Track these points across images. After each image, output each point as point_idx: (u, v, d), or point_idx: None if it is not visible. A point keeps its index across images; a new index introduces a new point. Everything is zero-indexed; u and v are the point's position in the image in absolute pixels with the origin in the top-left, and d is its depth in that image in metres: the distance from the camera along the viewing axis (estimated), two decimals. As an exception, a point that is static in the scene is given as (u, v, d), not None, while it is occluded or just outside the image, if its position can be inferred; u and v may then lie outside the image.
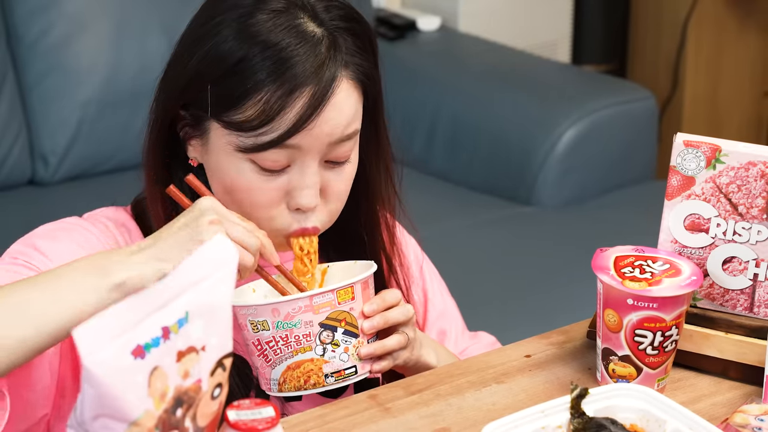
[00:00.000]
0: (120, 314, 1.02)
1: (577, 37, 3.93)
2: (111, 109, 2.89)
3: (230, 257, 1.10)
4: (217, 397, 1.12)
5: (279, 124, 1.36)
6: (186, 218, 1.30)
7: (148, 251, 1.27)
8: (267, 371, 1.39)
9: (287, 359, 1.37)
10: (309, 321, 1.35)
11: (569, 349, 1.51)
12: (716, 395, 1.42)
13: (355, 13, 1.44)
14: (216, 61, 1.38)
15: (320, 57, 1.37)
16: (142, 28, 2.94)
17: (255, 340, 1.37)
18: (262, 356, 1.38)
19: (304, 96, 1.36)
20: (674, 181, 1.44)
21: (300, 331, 1.36)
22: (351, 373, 1.39)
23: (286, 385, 1.38)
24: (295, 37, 1.37)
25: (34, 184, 2.93)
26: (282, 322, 1.35)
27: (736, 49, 3.91)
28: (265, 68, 1.36)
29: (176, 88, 1.41)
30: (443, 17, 3.55)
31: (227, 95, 1.37)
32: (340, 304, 1.37)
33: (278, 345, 1.36)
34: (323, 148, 1.39)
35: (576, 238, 2.82)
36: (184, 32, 1.44)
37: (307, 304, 1.35)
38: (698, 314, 1.46)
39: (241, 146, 1.37)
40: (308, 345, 1.36)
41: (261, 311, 1.36)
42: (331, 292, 1.36)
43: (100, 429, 1.04)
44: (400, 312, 1.42)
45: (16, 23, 2.87)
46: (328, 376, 1.37)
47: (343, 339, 1.37)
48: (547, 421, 1.23)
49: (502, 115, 3.10)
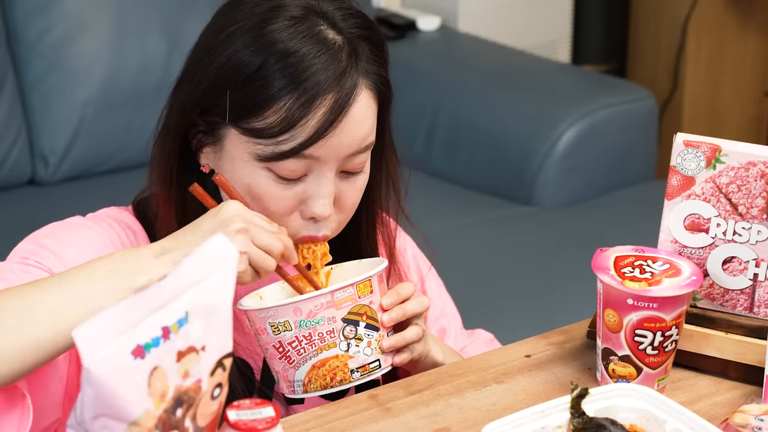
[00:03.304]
0: (120, 314, 1.02)
1: (577, 37, 3.93)
2: (111, 109, 2.89)
3: (230, 257, 1.11)
4: (217, 397, 1.12)
5: (300, 132, 1.36)
6: (212, 222, 1.29)
7: (171, 254, 1.26)
8: (290, 373, 1.37)
9: (312, 358, 1.36)
10: (332, 317, 1.35)
11: (569, 349, 1.51)
12: (716, 395, 1.42)
13: (371, 22, 1.44)
14: (236, 69, 1.37)
15: (342, 65, 1.37)
16: (142, 28, 2.94)
17: (276, 342, 1.36)
18: (285, 358, 1.37)
19: (326, 104, 1.36)
20: (674, 181, 1.44)
21: (323, 327, 1.35)
22: (375, 366, 1.38)
23: (312, 384, 1.37)
24: (316, 44, 1.37)
25: (34, 184, 2.93)
26: (304, 320, 1.34)
27: (736, 49, 3.91)
28: (286, 76, 1.35)
29: (194, 95, 1.40)
30: (443, 17, 3.55)
31: (247, 102, 1.36)
32: (360, 298, 1.36)
33: (301, 344, 1.35)
34: (341, 160, 1.39)
35: (576, 238, 2.82)
36: (199, 40, 1.43)
37: (329, 300, 1.34)
38: (698, 314, 1.46)
39: (261, 155, 1.37)
40: (332, 341, 1.35)
41: (282, 312, 1.34)
42: (351, 286, 1.36)
43: (100, 429, 1.04)
44: (416, 303, 1.42)
45: (16, 23, 2.87)
46: (354, 371, 1.37)
47: (365, 333, 1.37)
48: (547, 421, 1.23)
49: (502, 115, 3.10)
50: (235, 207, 1.30)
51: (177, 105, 1.43)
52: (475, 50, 3.38)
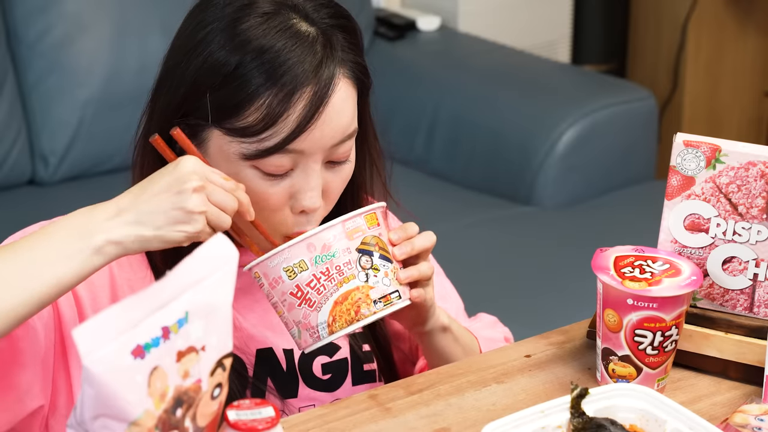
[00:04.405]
0: (120, 314, 1.02)
1: (577, 37, 3.93)
2: (111, 109, 2.90)
3: (230, 257, 1.11)
4: (217, 397, 1.12)
5: (282, 127, 1.36)
6: (168, 180, 1.28)
7: (126, 215, 1.26)
8: (312, 317, 1.34)
9: (332, 294, 1.33)
10: (346, 248, 1.33)
11: (569, 349, 1.51)
12: (716, 395, 1.42)
13: (343, 10, 1.44)
14: (213, 70, 1.37)
15: (317, 56, 1.37)
16: (142, 28, 2.94)
17: (293, 288, 1.34)
18: (305, 302, 1.34)
19: (305, 96, 1.36)
20: (674, 181, 1.44)
21: (339, 260, 1.33)
22: (395, 297, 1.36)
23: (337, 323, 1.34)
24: (290, 38, 1.37)
25: (34, 184, 2.93)
26: (320, 255, 1.32)
27: (736, 49, 3.91)
28: (264, 72, 1.35)
29: (174, 99, 1.40)
30: (443, 17, 3.55)
31: (228, 103, 1.36)
32: (369, 229, 1.35)
33: (320, 282, 1.33)
34: (325, 150, 1.39)
35: (576, 238, 2.82)
36: (173, 44, 1.43)
37: (340, 231, 1.33)
38: (698, 314, 1.46)
39: (245, 153, 1.37)
40: (351, 273, 1.33)
41: (295, 252, 1.33)
42: (359, 216, 1.35)
43: (100, 429, 1.04)
44: (424, 238, 1.41)
45: (16, 23, 2.87)
46: (377, 302, 1.34)
47: (381, 264, 1.35)
48: (547, 421, 1.23)
49: (502, 115, 3.10)
50: (192, 163, 1.29)
51: (157, 111, 1.42)
52: (475, 50, 3.38)
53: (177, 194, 1.27)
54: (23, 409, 1.35)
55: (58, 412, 1.38)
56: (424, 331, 1.48)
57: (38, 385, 1.36)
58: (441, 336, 1.49)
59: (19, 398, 1.34)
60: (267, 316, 1.50)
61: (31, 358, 1.34)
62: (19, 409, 1.35)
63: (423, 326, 1.47)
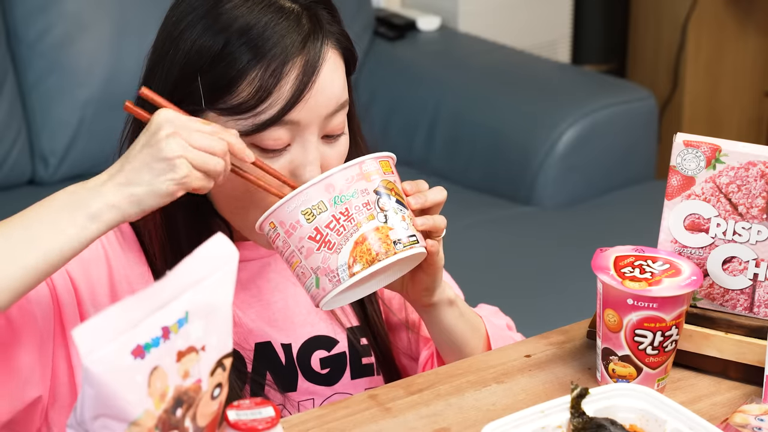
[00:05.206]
0: (120, 314, 1.02)
1: (577, 37, 3.93)
2: (111, 109, 2.89)
3: (230, 256, 1.11)
4: (217, 397, 1.12)
5: (276, 98, 1.37)
6: (145, 136, 1.29)
7: (116, 178, 1.28)
8: (332, 260, 1.32)
9: (352, 234, 1.32)
10: (364, 189, 1.33)
11: (569, 349, 1.51)
12: (716, 395, 1.42)
13: None
14: (201, 53, 1.38)
15: (305, 28, 1.39)
16: (142, 28, 2.93)
17: (312, 231, 1.32)
18: (324, 245, 1.32)
19: (297, 66, 1.37)
20: (674, 181, 1.44)
21: (358, 201, 1.32)
22: (414, 241, 1.34)
23: (357, 264, 1.31)
24: (274, 13, 1.38)
25: (34, 184, 2.94)
26: (338, 196, 1.32)
27: (736, 49, 3.91)
28: (251, 48, 1.37)
29: (164, 87, 1.41)
30: (443, 17, 3.55)
31: (219, 83, 1.37)
32: (385, 174, 1.35)
33: (340, 222, 1.32)
34: (321, 121, 1.40)
35: (576, 238, 2.82)
36: (158, 36, 1.44)
37: (358, 172, 1.33)
38: (698, 314, 1.46)
39: (242, 130, 1.37)
40: (370, 213, 1.32)
41: (313, 193, 1.32)
42: (374, 159, 1.35)
43: (100, 429, 1.04)
44: (437, 191, 1.41)
45: (16, 23, 2.87)
46: (396, 243, 1.33)
47: (398, 207, 1.35)
48: (547, 421, 1.23)
49: (502, 115, 3.10)
50: (164, 114, 1.30)
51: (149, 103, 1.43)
52: (475, 50, 3.38)
53: (154, 146, 1.28)
54: (23, 396, 1.35)
55: (58, 403, 1.39)
56: (431, 302, 1.47)
57: (38, 373, 1.36)
58: (447, 310, 1.48)
59: (21, 385, 1.34)
60: (266, 311, 1.50)
61: (31, 342, 1.35)
62: (21, 396, 1.35)
63: (431, 295, 1.46)
